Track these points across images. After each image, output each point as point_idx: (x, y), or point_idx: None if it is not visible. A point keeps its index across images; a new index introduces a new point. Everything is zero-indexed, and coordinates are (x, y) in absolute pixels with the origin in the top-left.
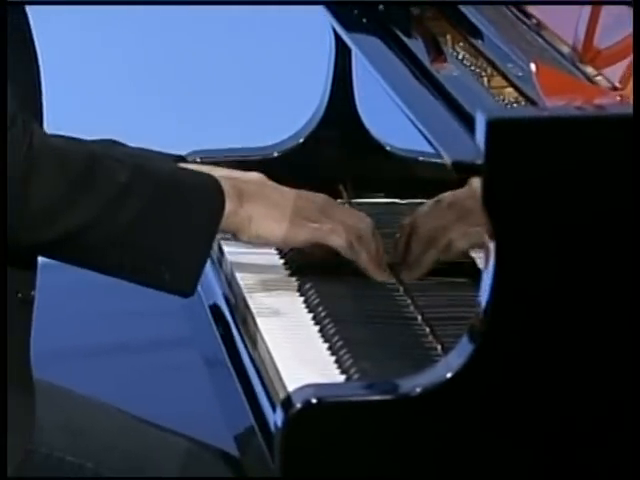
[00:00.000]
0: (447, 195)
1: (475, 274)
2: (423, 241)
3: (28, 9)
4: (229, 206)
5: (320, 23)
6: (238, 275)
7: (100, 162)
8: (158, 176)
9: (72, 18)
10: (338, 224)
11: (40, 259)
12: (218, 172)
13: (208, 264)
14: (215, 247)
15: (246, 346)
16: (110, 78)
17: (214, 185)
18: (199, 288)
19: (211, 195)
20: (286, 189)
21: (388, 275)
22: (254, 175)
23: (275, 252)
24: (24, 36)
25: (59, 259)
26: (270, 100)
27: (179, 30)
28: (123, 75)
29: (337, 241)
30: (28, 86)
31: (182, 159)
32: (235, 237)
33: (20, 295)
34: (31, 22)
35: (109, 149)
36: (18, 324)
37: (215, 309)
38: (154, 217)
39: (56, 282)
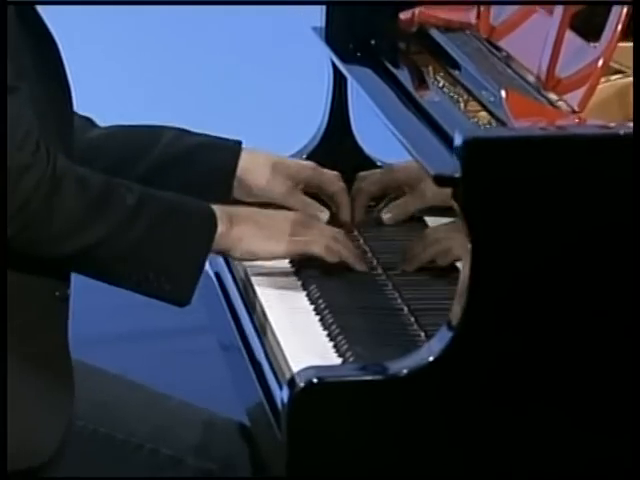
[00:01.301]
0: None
1: (454, 272)
2: (426, 242)
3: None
4: (221, 228)
5: (320, 56)
6: (250, 273)
7: (113, 188)
8: (161, 202)
9: (78, 26)
10: (316, 233)
11: None
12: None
13: (224, 265)
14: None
15: (257, 333)
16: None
17: (208, 211)
18: (216, 283)
19: (205, 219)
20: (271, 211)
21: (365, 265)
22: None
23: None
24: (57, 69)
25: (75, 270)
26: (278, 120)
27: (193, 56)
28: (133, 90)
29: (316, 249)
30: (58, 114)
31: (239, 144)
32: (228, 255)
33: (58, 294)
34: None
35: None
36: (57, 319)
37: (230, 302)
38: (157, 237)
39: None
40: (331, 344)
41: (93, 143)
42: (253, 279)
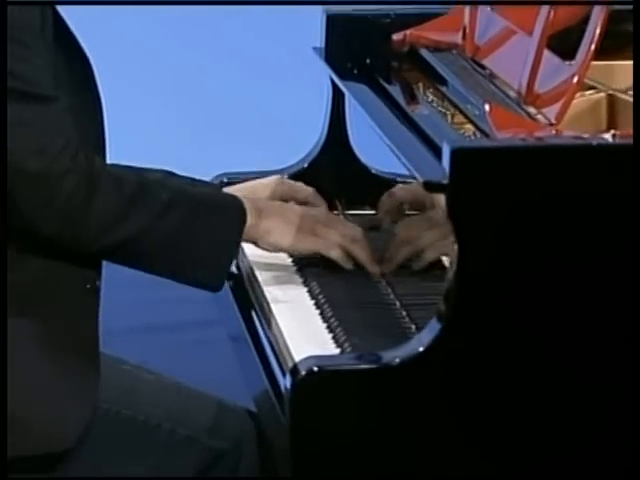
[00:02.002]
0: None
1: (442, 270)
2: (398, 242)
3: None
4: (250, 221)
5: (320, 73)
6: (256, 271)
7: (147, 185)
8: (194, 196)
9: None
10: (337, 234)
11: None
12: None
13: (233, 264)
14: (244, 252)
15: (262, 326)
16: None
17: (238, 204)
18: (226, 284)
19: (235, 212)
20: (298, 207)
21: (378, 268)
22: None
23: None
24: (89, 83)
25: (114, 262)
26: (282, 132)
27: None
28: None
29: (334, 254)
30: (89, 115)
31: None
32: (255, 244)
33: (88, 286)
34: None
35: (157, 176)
36: (87, 310)
37: (238, 297)
38: (190, 229)
39: (117, 275)
40: (330, 336)
41: None
42: (259, 276)
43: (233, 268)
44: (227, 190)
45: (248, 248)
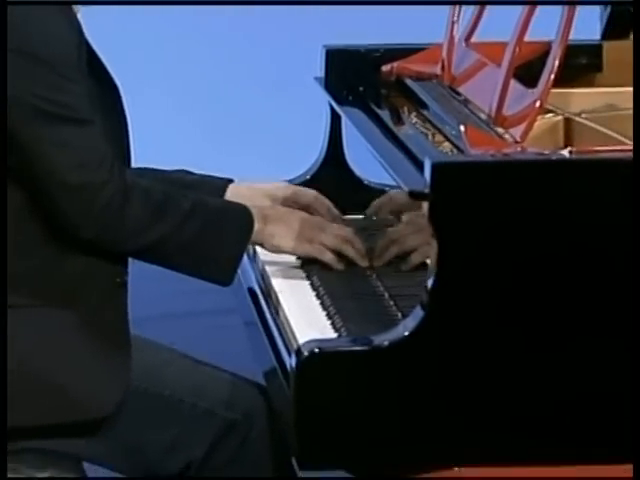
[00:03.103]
0: (409, 216)
1: (425, 267)
2: (388, 241)
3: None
4: (256, 227)
5: (321, 99)
6: (266, 267)
7: (171, 196)
8: (210, 206)
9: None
10: (331, 237)
11: None
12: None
13: (247, 261)
14: (251, 249)
15: (271, 313)
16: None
17: (247, 212)
18: (240, 275)
19: (244, 220)
20: (298, 214)
21: (367, 262)
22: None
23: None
24: (117, 108)
25: (142, 260)
26: (287, 149)
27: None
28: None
29: (326, 258)
30: (118, 135)
31: (229, 181)
32: (261, 246)
33: (118, 280)
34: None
35: (181, 180)
36: (118, 300)
37: (251, 289)
38: (207, 234)
39: (148, 270)
40: (329, 322)
41: None
42: (269, 272)
43: (247, 265)
44: (238, 187)
45: (260, 248)
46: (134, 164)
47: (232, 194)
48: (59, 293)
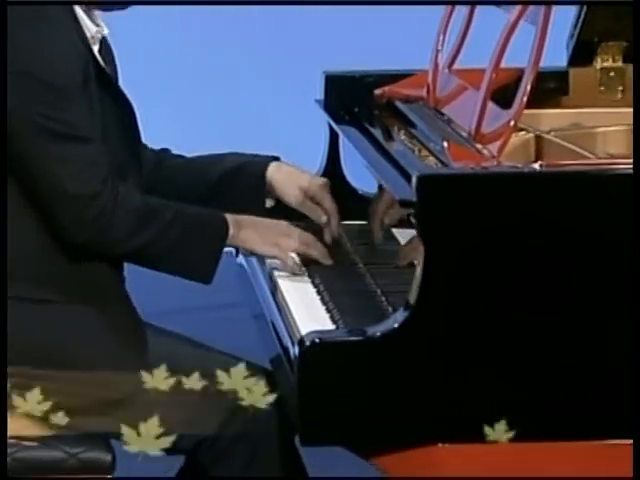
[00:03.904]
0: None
1: (412, 267)
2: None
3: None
4: (231, 232)
5: (321, 119)
6: (272, 267)
7: (155, 207)
8: (189, 215)
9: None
10: (295, 241)
11: None
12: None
13: (256, 264)
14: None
15: (277, 307)
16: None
17: (222, 220)
18: (250, 275)
19: (220, 227)
20: (267, 221)
21: (330, 259)
22: None
23: (295, 254)
24: (131, 125)
25: (132, 262)
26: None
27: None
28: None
29: (288, 261)
30: (131, 148)
31: (276, 158)
32: (236, 249)
33: (117, 278)
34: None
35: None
36: (119, 293)
37: (259, 286)
38: (187, 240)
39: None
40: (328, 315)
41: (169, 174)
42: (275, 273)
43: (255, 265)
44: (279, 168)
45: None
46: None
47: (271, 173)
48: (77, 291)
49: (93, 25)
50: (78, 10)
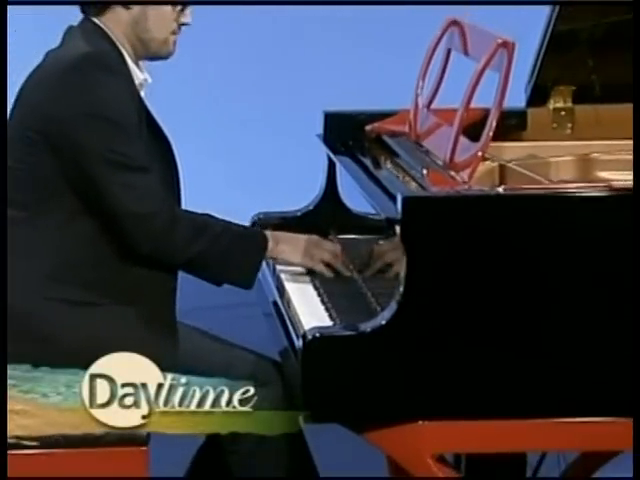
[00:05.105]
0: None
1: (397, 273)
2: (375, 256)
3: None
4: (270, 246)
5: (320, 151)
6: (281, 275)
7: (206, 223)
8: (235, 230)
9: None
10: (324, 252)
11: None
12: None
13: (267, 271)
14: (271, 263)
15: (284, 306)
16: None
17: (263, 236)
18: (262, 280)
19: (261, 241)
20: (300, 236)
21: (350, 271)
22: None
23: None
24: (170, 160)
25: (187, 272)
26: (295, 187)
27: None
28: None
29: (318, 268)
30: (170, 179)
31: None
32: (274, 260)
33: (170, 285)
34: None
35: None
36: (169, 300)
37: (269, 288)
38: (233, 251)
39: (191, 278)
40: (327, 314)
41: None
42: (283, 278)
43: (266, 271)
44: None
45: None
46: None
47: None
48: (124, 294)
49: (140, 73)
50: (128, 60)
